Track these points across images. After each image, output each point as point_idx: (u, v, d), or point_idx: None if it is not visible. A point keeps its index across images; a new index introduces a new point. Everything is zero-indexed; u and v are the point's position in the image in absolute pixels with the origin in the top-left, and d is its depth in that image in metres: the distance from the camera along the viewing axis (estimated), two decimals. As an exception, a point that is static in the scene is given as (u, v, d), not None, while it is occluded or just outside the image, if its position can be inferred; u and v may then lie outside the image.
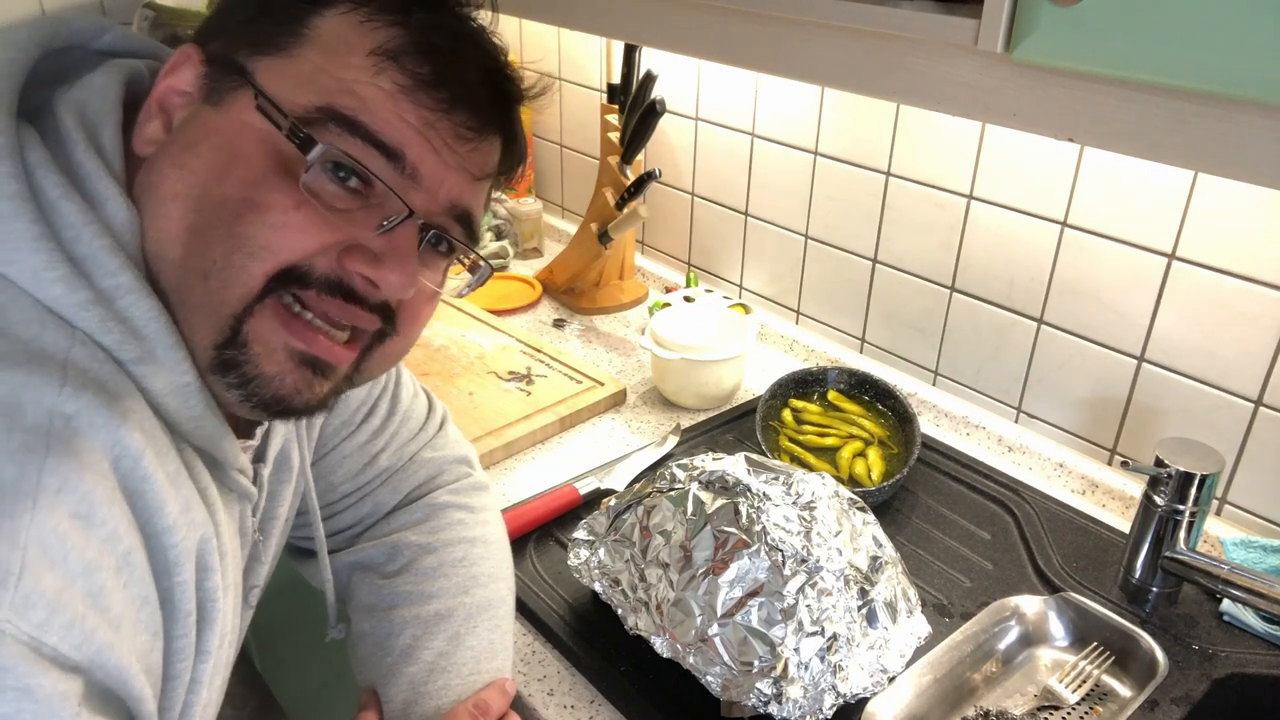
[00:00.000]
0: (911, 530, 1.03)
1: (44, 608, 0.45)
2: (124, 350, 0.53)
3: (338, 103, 0.56)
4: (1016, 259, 1.14)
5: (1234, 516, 1.04)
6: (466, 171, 0.61)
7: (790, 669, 0.73)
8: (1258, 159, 0.55)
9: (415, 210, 0.58)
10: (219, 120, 0.57)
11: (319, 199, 0.56)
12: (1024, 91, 0.64)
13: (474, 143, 0.61)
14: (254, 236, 0.55)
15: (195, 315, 0.56)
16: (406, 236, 0.59)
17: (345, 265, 0.57)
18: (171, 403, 0.55)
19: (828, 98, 1.28)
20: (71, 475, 0.48)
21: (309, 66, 0.57)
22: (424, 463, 0.88)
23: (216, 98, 0.57)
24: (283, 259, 0.55)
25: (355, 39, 0.57)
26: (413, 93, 0.57)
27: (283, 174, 0.55)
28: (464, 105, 0.59)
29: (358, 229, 0.57)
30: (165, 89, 0.59)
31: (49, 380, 0.50)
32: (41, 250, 0.52)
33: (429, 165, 0.59)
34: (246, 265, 0.55)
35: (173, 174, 0.56)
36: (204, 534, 0.57)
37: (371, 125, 0.56)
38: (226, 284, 0.55)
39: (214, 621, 0.59)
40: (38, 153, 0.54)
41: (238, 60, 0.57)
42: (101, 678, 0.48)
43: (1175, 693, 0.83)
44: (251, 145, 0.56)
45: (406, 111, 0.57)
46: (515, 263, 1.69)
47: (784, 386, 1.21)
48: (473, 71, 0.60)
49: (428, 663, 0.74)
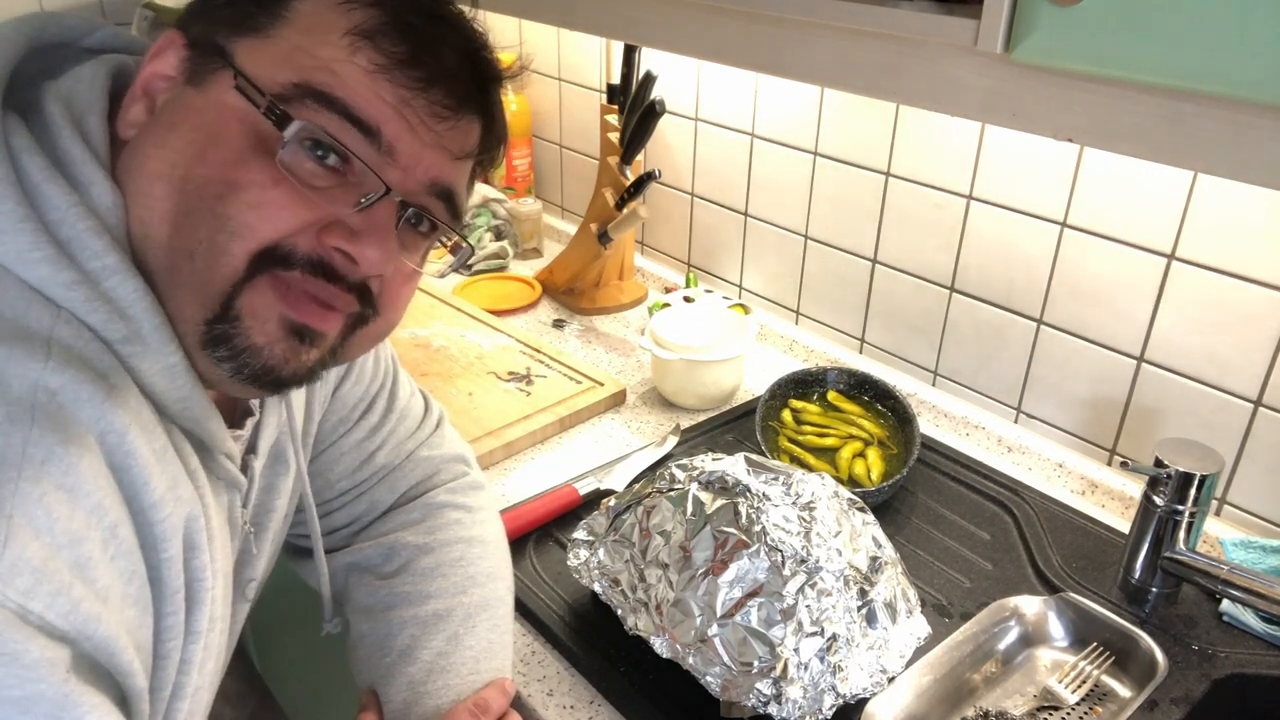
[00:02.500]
0: (911, 530, 1.03)
1: (30, 575, 0.45)
2: (110, 330, 0.54)
3: (314, 79, 0.56)
4: (1016, 259, 1.14)
5: (1234, 517, 1.04)
6: (445, 150, 0.62)
7: (790, 669, 0.73)
8: (1258, 159, 0.55)
9: (393, 187, 0.59)
10: (199, 100, 0.57)
11: (297, 176, 0.56)
12: (1024, 92, 0.64)
13: (451, 121, 0.61)
14: (234, 216, 0.55)
15: (183, 293, 0.56)
16: (385, 214, 0.59)
17: (324, 242, 0.58)
18: (159, 382, 0.56)
19: (828, 98, 1.28)
20: (57, 447, 0.48)
21: (287, 45, 0.57)
22: (421, 461, 0.88)
23: (198, 79, 0.58)
24: (263, 237, 0.56)
25: (333, 19, 0.58)
26: (389, 71, 0.58)
27: (261, 152, 0.56)
28: (441, 84, 0.60)
29: (336, 206, 0.58)
30: (149, 74, 0.59)
31: (33, 355, 0.50)
32: (26, 231, 0.52)
33: (405, 142, 0.59)
34: (229, 245, 0.55)
35: (155, 154, 0.57)
36: (191, 512, 0.58)
37: (348, 101, 0.57)
38: (211, 264, 0.55)
39: (202, 602, 0.59)
40: (22, 138, 0.55)
41: (218, 42, 0.58)
42: (89, 649, 0.48)
43: (1175, 693, 0.83)
44: (230, 124, 0.56)
45: (383, 89, 0.58)
46: (515, 263, 1.68)
47: (783, 387, 1.21)
48: (449, 51, 0.61)
49: (427, 663, 0.74)
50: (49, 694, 0.45)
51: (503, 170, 1.79)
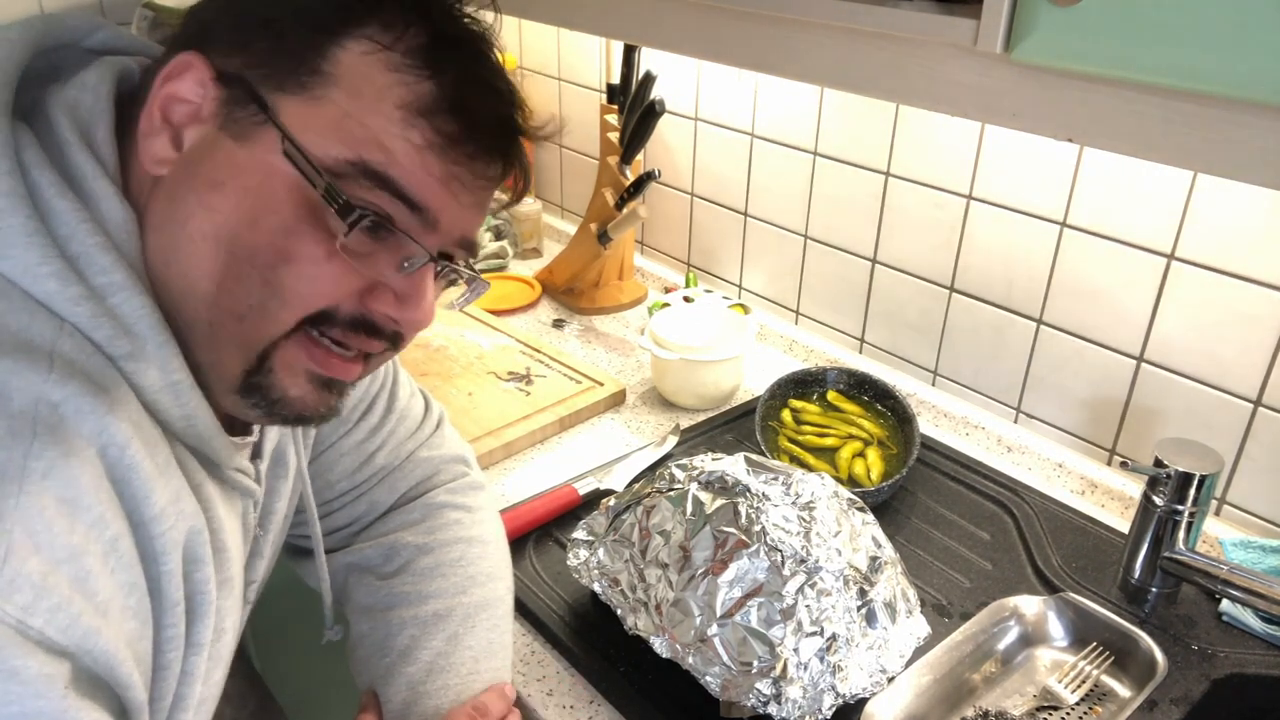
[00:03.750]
0: (911, 530, 1.03)
1: (29, 590, 0.45)
2: (114, 346, 0.54)
3: (369, 157, 0.56)
4: (1016, 259, 1.14)
5: (1233, 517, 1.04)
6: (480, 208, 0.63)
7: (789, 669, 0.73)
8: (1258, 159, 0.55)
9: (431, 251, 0.60)
10: (244, 159, 0.56)
11: (350, 253, 0.57)
12: (1023, 92, 0.64)
13: (492, 186, 0.63)
14: (288, 287, 0.56)
15: (226, 349, 0.58)
16: (424, 273, 0.61)
17: (370, 306, 0.60)
18: (161, 399, 0.56)
19: (827, 98, 1.28)
20: (58, 461, 0.48)
21: (336, 111, 0.56)
22: (421, 461, 0.88)
23: (237, 130, 0.56)
24: (313, 306, 0.58)
25: (383, 86, 0.56)
26: (440, 150, 0.58)
27: (313, 223, 0.56)
28: (485, 155, 0.61)
29: (380, 269, 0.59)
30: (167, 96, 0.57)
31: (35, 367, 0.50)
32: (35, 246, 0.52)
33: (449, 214, 0.60)
34: (279, 313, 0.57)
35: (200, 214, 0.56)
36: (194, 525, 0.58)
37: (401, 181, 0.57)
38: (260, 326, 0.57)
39: (204, 614, 0.59)
40: (33, 152, 0.54)
41: (257, 91, 0.56)
42: (89, 663, 0.48)
43: (1174, 693, 0.83)
44: (281, 193, 0.56)
45: (432, 166, 0.58)
46: (515, 263, 1.68)
47: (783, 387, 1.21)
48: (494, 121, 0.61)
49: (426, 663, 0.74)
50: (48, 710, 0.45)
51: (502, 170, 1.79)
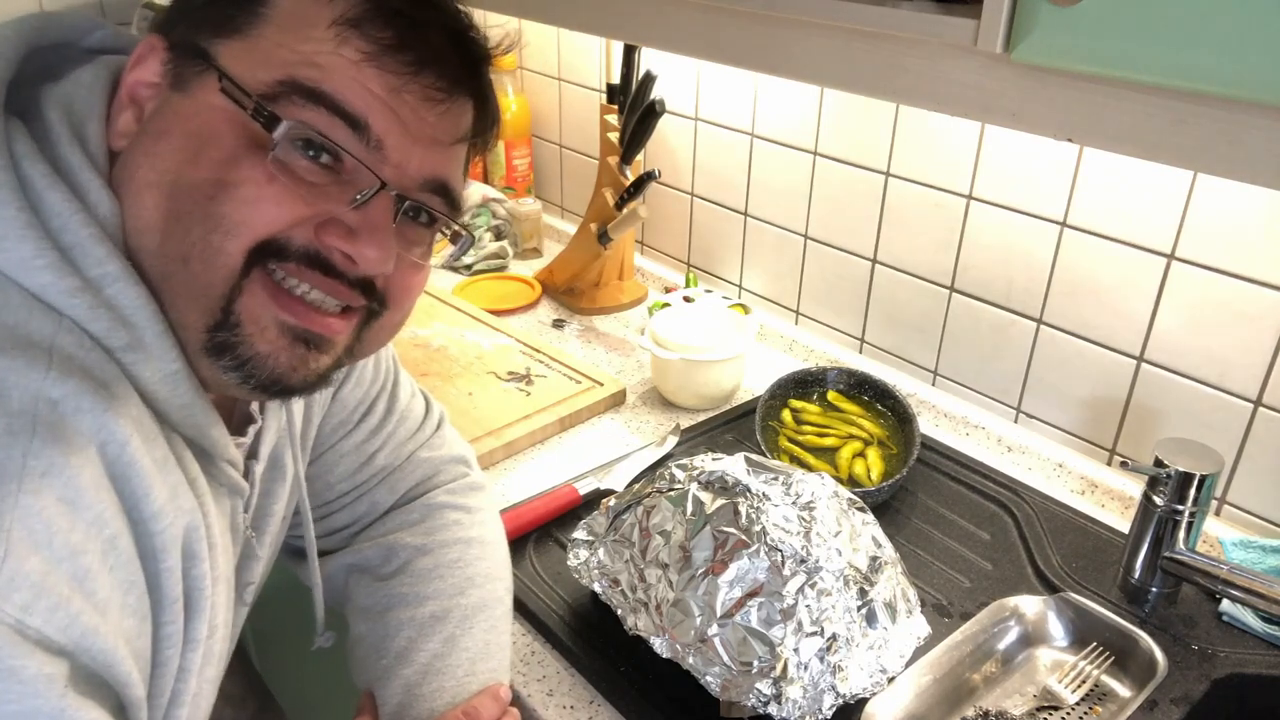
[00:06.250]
0: (911, 530, 1.03)
1: (29, 590, 0.45)
2: (112, 338, 0.54)
3: (299, 75, 0.56)
4: (1016, 259, 1.14)
5: (1233, 516, 1.04)
6: (437, 141, 0.61)
7: (790, 669, 0.73)
8: (1258, 159, 0.55)
9: (387, 182, 0.58)
10: (186, 106, 0.57)
11: (290, 173, 0.56)
12: (1023, 92, 0.64)
13: (444, 104, 0.60)
14: (229, 215, 0.55)
15: (183, 301, 0.56)
16: (381, 210, 0.59)
17: (322, 239, 0.57)
18: (160, 390, 0.56)
19: (827, 98, 1.28)
20: (57, 459, 0.48)
21: (269, 43, 0.57)
22: (421, 462, 0.88)
23: (183, 84, 0.57)
24: (259, 233, 0.55)
25: (314, 12, 0.57)
26: (377, 58, 0.57)
27: (252, 151, 0.55)
28: (431, 67, 0.59)
29: (332, 203, 0.57)
30: (134, 81, 0.59)
31: (34, 365, 0.50)
32: (29, 239, 0.52)
33: (394, 136, 0.58)
34: (224, 244, 0.55)
35: (145, 163, 0.56)
36: (191, 521, 0.57)
37: (334, 94, 0.56)
38: (208, 265, 0.55)
39: (201, 610, 0.59)
40: (24, 144, 0.55)
41: (199, 44, 0.57)
42: (87, 661, 0.48)
43: (1174, 693, 0.83)
44: (219, 126, 0.55)
45: (370, 79, 0.57)
46: (515, 263, 1.68)
47: (783, 387, 1.21)
48: (436, 34, 0.60)
49: (422, 664, 0.74)
50: (46, 709, 0.45)
51: (503, 170, 1.79)
